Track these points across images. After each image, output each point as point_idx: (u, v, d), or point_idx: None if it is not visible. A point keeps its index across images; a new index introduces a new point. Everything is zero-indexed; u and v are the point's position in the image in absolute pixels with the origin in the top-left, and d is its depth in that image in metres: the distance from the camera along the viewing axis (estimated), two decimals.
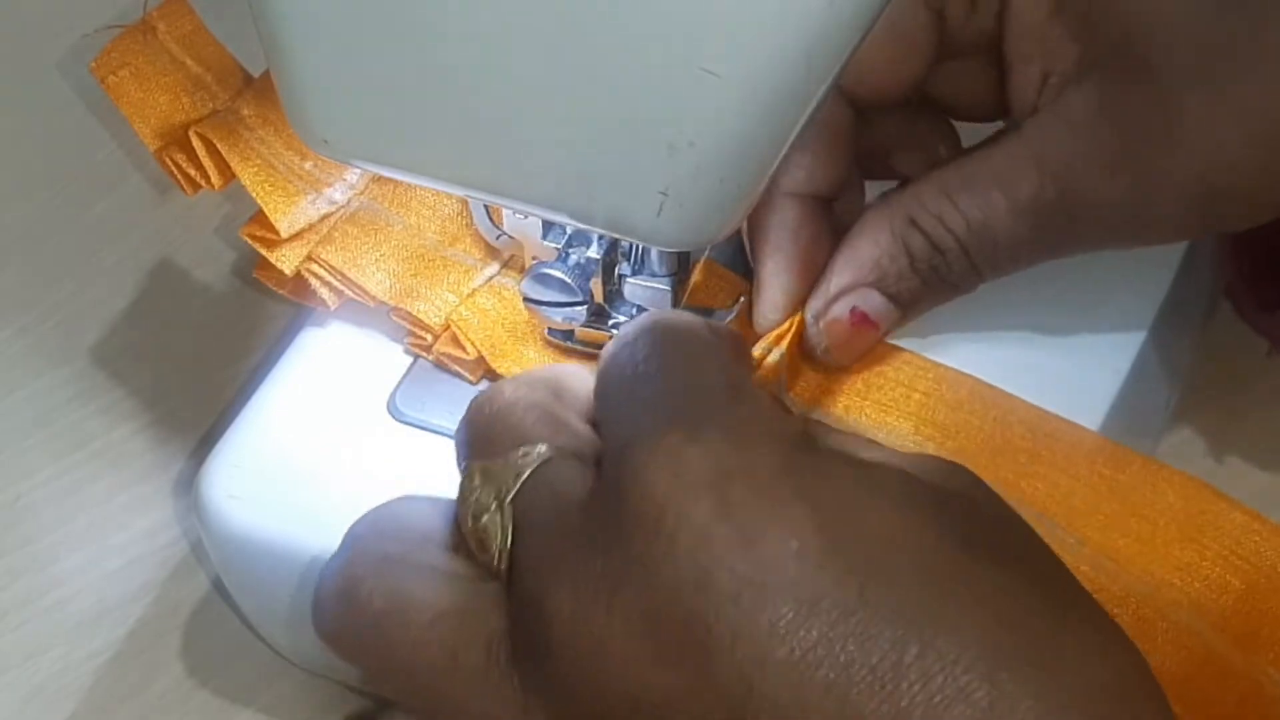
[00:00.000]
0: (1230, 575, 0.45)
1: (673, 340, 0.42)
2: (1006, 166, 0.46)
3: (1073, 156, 0.46)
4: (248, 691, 0.54)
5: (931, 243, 0.47)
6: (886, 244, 0.48)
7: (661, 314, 0.43)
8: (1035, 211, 0.46)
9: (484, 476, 0.41)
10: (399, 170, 0.45)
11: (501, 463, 0.41)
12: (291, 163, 0.52)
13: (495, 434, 0.42)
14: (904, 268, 0.48)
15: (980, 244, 0.47)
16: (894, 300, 0.48)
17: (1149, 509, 0.46)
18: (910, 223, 0.47)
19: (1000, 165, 0.47)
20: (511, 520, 0.40)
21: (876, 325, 0.48)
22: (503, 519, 0.40)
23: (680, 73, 0.38)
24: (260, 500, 0.49)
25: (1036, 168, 0.46)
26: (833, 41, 0.38)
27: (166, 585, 0.56)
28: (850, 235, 0.48)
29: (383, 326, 0.52)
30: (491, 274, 0.52)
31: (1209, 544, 0.45)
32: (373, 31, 0.41)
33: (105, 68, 0.52)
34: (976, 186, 0.47)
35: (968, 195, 0.47)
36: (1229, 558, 0.45)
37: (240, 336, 0.61)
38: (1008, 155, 0.47)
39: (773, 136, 0.41)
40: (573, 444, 0.41)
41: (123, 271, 0.63)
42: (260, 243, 0.52)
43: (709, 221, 0.43)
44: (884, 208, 0.48)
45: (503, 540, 0.40)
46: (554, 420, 0.42)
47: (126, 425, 0.59)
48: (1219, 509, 0.46)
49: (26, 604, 0.55)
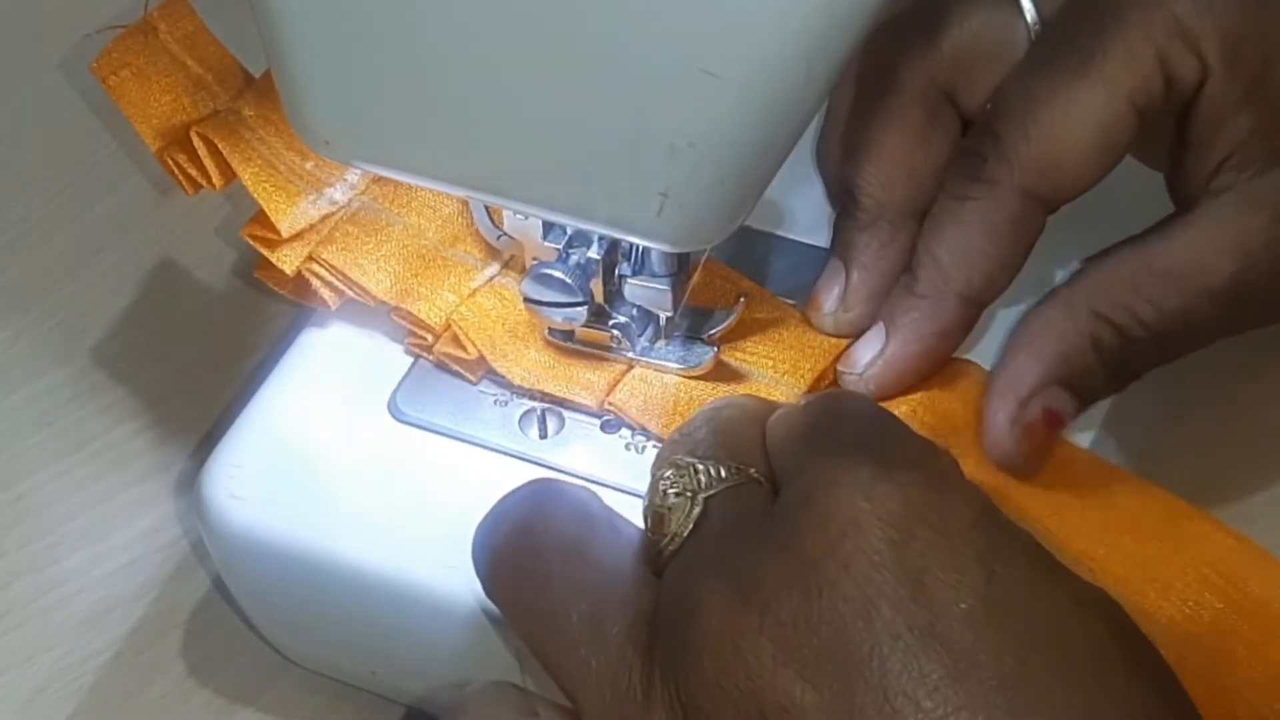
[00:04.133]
0: (1209, 594, 0.45)
1: (857, 400, 0.43)
2: (1204, 252, 0.46)
3: (1274, 240, 0.46)
4: (248, 691, 0.54)
5: (1122, 336, 0.47)
6: (1075, 340, 0.47)
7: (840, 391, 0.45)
8: (1236, 296, 0.46)
9: (689, 469, 0.41)
10: (399, 170, 0.45)
11: (712, 465, 0.41)
12: (292, 163, 0.52)
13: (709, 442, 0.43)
14: (1092, 363, 0.47)
15: (1174, 331, 0.47)
16: (1077, 395, 0.47)
17: (1132, 523, 0.46)
18: (1098, 318, 0.47)
19: (1195, 251, 0.46)
20: (700, 512, 0.40)
21: (1064, 423, 0.47)
22: (691, 507, 0.40)
23: (680, 74, 0.38)
24: (261, 500, 0.49)
25: (1240, 252, 0.46)
26: (832, 43, 0.38)
27: (167, 585, 0.56)
28: (1026, 333, 0.48)
29: (383, 326, 0.53)
30: (492, 274, 0.52)
31: (1189, 562, 0.45)
32: (373, 32, 0.41)
33: (106, 68, 0.52)
34: (1171, 275, 0.46)
35: (1160, 285, 0.46)
36: (1209, 577, 0.45)
37: (240, 336, 0.61)
38: (1205, 240, 0.46)
39: (772, 137, 0.41)
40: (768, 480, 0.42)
41: (123, 271, 0.63)
42: (261, 243, 0.52)
43: (709, 222, 0.43)
44: (1063, 302, 0.47)
45: (683, 524, 0.40)
46: (758, 454, 0.42)
47: (126, 425, 0.59)
48: (1201, 529, 0.46)
49: (26, 604, 0.55)
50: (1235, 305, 0.47)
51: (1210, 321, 0.47)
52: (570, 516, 0.43)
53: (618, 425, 0.50)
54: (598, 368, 0.50)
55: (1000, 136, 0.47)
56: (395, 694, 0.53)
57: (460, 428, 0.50)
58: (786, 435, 0.42)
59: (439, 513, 0.48)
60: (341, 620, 0.50)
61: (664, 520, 0.41)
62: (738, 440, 0.43)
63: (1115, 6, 0.46)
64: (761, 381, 0.49)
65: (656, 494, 0.42)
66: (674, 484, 0.41)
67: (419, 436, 0.50)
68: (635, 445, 0.50)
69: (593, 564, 0.42)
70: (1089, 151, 0.46)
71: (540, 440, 0.50)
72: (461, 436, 0.50)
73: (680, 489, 0.41)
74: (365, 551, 0.48)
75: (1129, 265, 0.47)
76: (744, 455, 0.42)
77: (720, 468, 0.41)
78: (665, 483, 0.41)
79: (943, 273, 0.47)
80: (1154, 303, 0.46)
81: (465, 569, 0.45)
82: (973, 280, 0.47)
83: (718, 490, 0.41)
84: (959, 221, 0.47)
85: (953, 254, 0.47)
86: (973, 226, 0.47)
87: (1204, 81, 0.46)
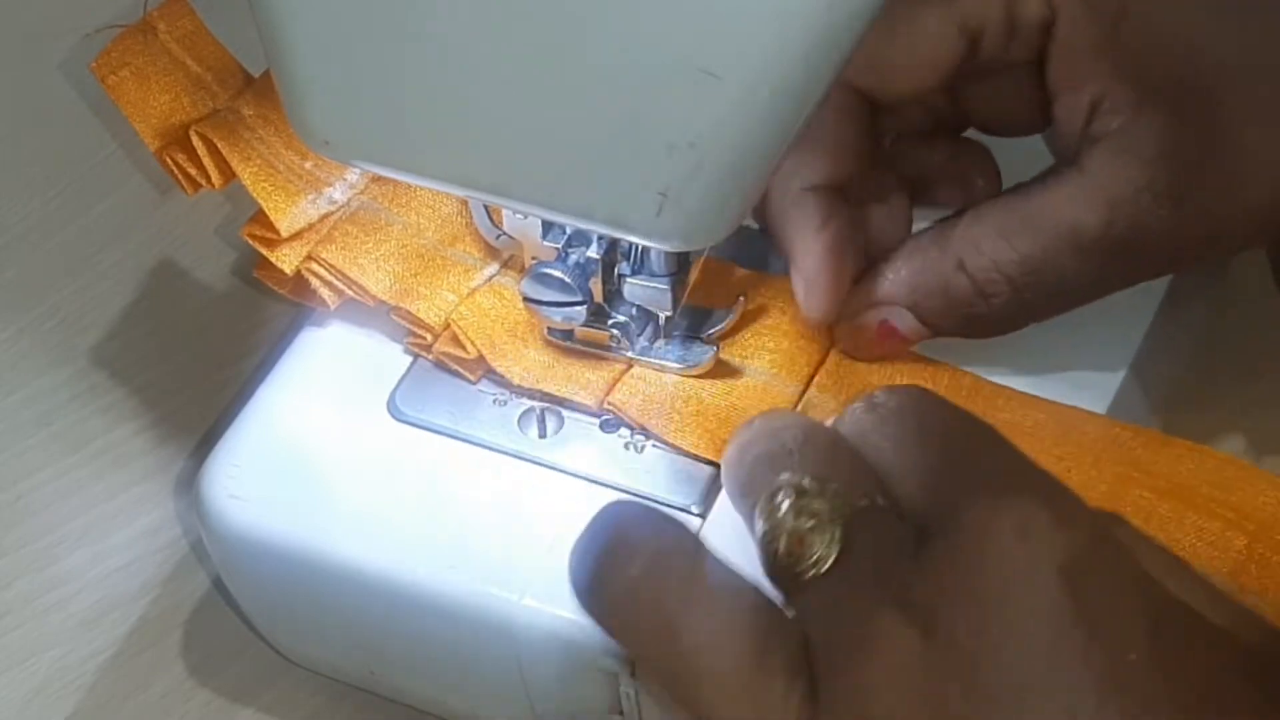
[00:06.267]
0: (1232, 532, 0.45)
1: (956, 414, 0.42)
2: (1072, 203, 0.47)
3: (1139, 191, 0.46)
4: (248, 691, 0.54)
5: (977, 288, 0.48)
6: (929, 280, 0.48)
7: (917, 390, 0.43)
8: (1103, 248, 0.47)
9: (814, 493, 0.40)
10: (399, 170, 0.45)
11: (838, 487, 0.40)
12: (292, 162, 0.52)
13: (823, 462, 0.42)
14: (939, 305, 0.48)
15: (1040, 284, 0.47)
16: (926, 324, 0.49)
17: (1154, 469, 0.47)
18: (959, 266, 0.48)
19: (1064, 202, 0.47)
20: (844, 535, 0.39)
21: (905, 340, 0.49)
22: (833, 532, 0.39)
23: (680, 73, 0.38)
24: (261, 500, 0.49)
25: (1107, 204, 0.46)
26: (832, 42, 0.38)
27: (167, 584, 0.56)
28: (898, 253, 0.49)
29: (383, 326, 0.53)
30: (491, 273, 0.52)
31: (1214, 503, 0.46)
32: (373, 32, 0.41)
33: (106, 68, 0.52)
34: (1038, 226, 0.47)
35: (1028, 236, 0.47)
36: (1230, 515, 0.46)
37: (240, 336, 0.61)
38: (1075, 192, 0.47)
39: (772, 136, 0.41)
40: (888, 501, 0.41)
41: (123, 271, 0.63)
42: (260, 242, 0.52)
43: (709, 221, 0.43)
44: (934, 242, 0.49)
45: (829, 549, 0.39)
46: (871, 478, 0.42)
47: (126, 425, 0.59)
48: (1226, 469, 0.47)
49: (26, 604, 0.55)
50: (1106, 256, 0.47)
51: (1077, 276, 0.47)
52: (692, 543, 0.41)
53: (617, 424, 0.50)
54: (597, 367, 0.50)
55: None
56: (395, 694, 0.53)
57: (459, 427, 0.50)
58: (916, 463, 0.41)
59: (439, 512, 0.48)
60: (341, 620, 0.50)
61: (804, 543, 0.40)
62: (846, 461, 0.42)
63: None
64: (758, 378, 0.49)
65: (783, 515, 0.40)
66: (803, 508, 0.40)
67: (418, 436, 0.50)
68: (634, 444, 0.50)
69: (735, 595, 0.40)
70: (913, 62, 0.49)
71: (539, 440, 0.50)
72: (461, 436, 0.50)
73: (811, 512, 0.40)
74: (364, 551, 0.48)
75: (1000, 216, 0.48)
76: (861, 478, 0.41)
77: (850, 492, 0.40)
78: (792, 506, 0.40)
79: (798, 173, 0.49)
80: (1020, 253, 0.47)
81: (465, 569, 0.45)
82: (815, 169, 0.49)
83: (851, 516, 0.40)
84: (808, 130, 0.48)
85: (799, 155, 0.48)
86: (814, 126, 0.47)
87: (1052, 23, 0.47)
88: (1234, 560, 0.45)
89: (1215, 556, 0.46)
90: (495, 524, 0.48)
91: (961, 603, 0.37)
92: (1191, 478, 0.47)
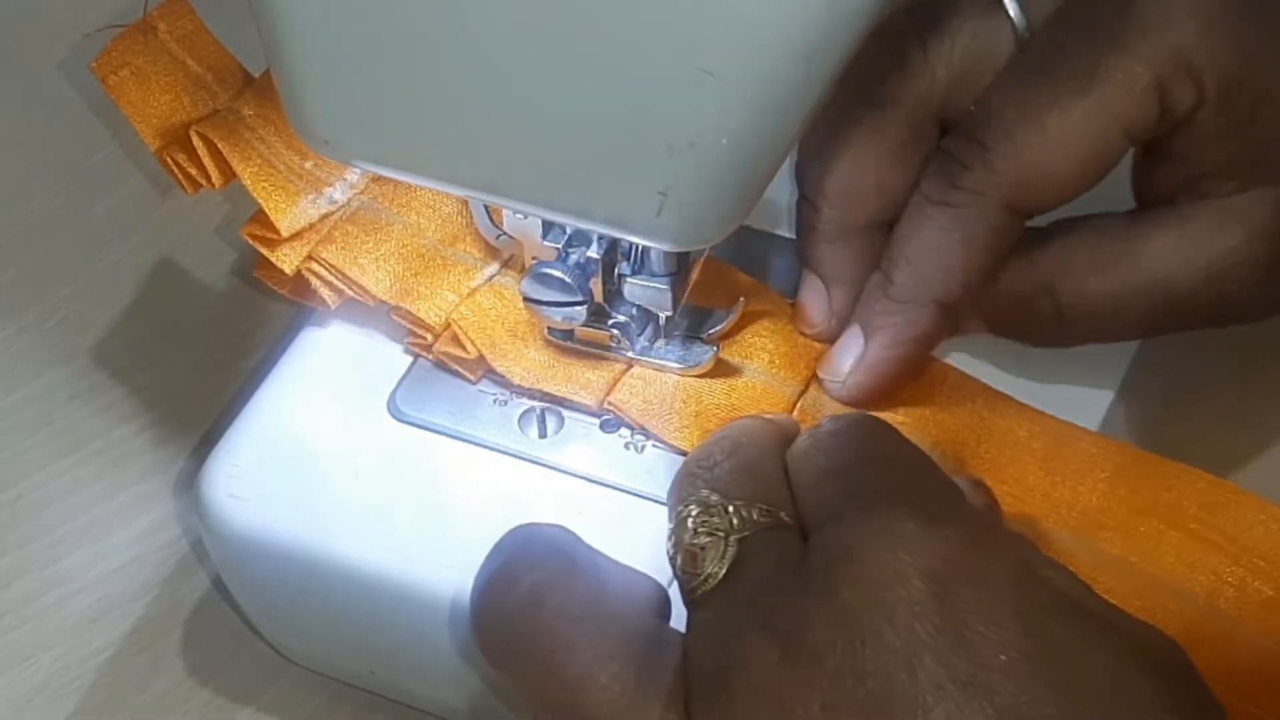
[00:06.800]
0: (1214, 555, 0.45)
1: (885, 435, 0.42)
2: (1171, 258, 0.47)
3: (1240, 263, 0.46)
4: (248, 691, 0.54)
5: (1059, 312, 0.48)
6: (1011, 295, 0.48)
7: (864, 415, 0.44)
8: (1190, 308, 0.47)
9: (719, 509, 0.41)
10: (399, 170, 0.45)
11: (743, 506, 0.41)
12: (292, 162, 0.52)
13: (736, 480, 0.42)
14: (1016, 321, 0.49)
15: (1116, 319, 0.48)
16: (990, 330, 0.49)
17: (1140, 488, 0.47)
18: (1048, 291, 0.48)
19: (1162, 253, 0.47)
20: (735, 554, 0.40)
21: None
22: (725, 548, 0.40)
23: (680, 74, 0.38)
24: (261, 500, 0.49)
25: (1206, 268, 0.46)
26: (831, 42, 0.38)
27: (166, 584, 0.56)
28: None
29: (383, 326, 0.53)
30: (492, 273, 0.52)
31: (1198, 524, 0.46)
32: (373, 32, 0.41)
33: (106, 67, 0.52)
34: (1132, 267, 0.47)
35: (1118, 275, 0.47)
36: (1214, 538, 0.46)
37: (240, 336, 0.61)
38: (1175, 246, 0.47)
39: (772, 136, 0.41)
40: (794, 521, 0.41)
41: (123, 271, 0.63)
42: (260, 242, 0.52)
43: (709, 221, 0.43)
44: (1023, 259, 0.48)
45: (718, 564, 0.40)
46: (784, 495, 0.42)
47: (126, 425, 0.59)
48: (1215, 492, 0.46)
49: (26, 604, 0.55)
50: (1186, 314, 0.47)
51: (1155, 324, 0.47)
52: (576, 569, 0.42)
53: (617, 424, 0.50)
54: (597, 367, 0.50)
55: (987, 147, 0.46)
56: (395, 694, 0.53)
57: (460, 427, 0.50)
58: (819, 478, 0.42)
59: (438, 512, 0.48)
60: (341, 620, 0.50)
61: (697, 560, 0.40)
62: (762, 478, 0.42)
63: (1118, 27, 0.45)
64: (758, 378, 0.49)
65: (686, 530, 0.41)
66: (704, 523, 0.41)
67: (418, 436, 0.50)
68: (634, 444, 0.50)
69: (612, 623, 0.40)
70: (1076, 171, 0.46)
71: (540, 439, 0.50)
72: (461, 436, 0.50)
73: (711, 529, 0.41)
74: (364, 551, 0.48)
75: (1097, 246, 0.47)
76: (771, 496, 0.42)
77: (751, 509, 0.41)
78: (696, 521, 0.41)
79: (922, 279, 0.47)
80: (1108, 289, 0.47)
81: (465, 569, 0.44)
82: (951, 287, 0.47)
83: (751, 533, 0.40)
84: (939, 228, 0.47)
85: (930, 259, 0.47)
86: (953, 235, 0.47)
87: (1197, 109, 0.46)
88: (1210, 582, 0.45)
89: (1192, 577, 0.46)
90: (495, 524, 0.48)
91: (826, 618, 0.37)
92: (1179, 498, 0.47)
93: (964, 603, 0.36)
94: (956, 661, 0.36)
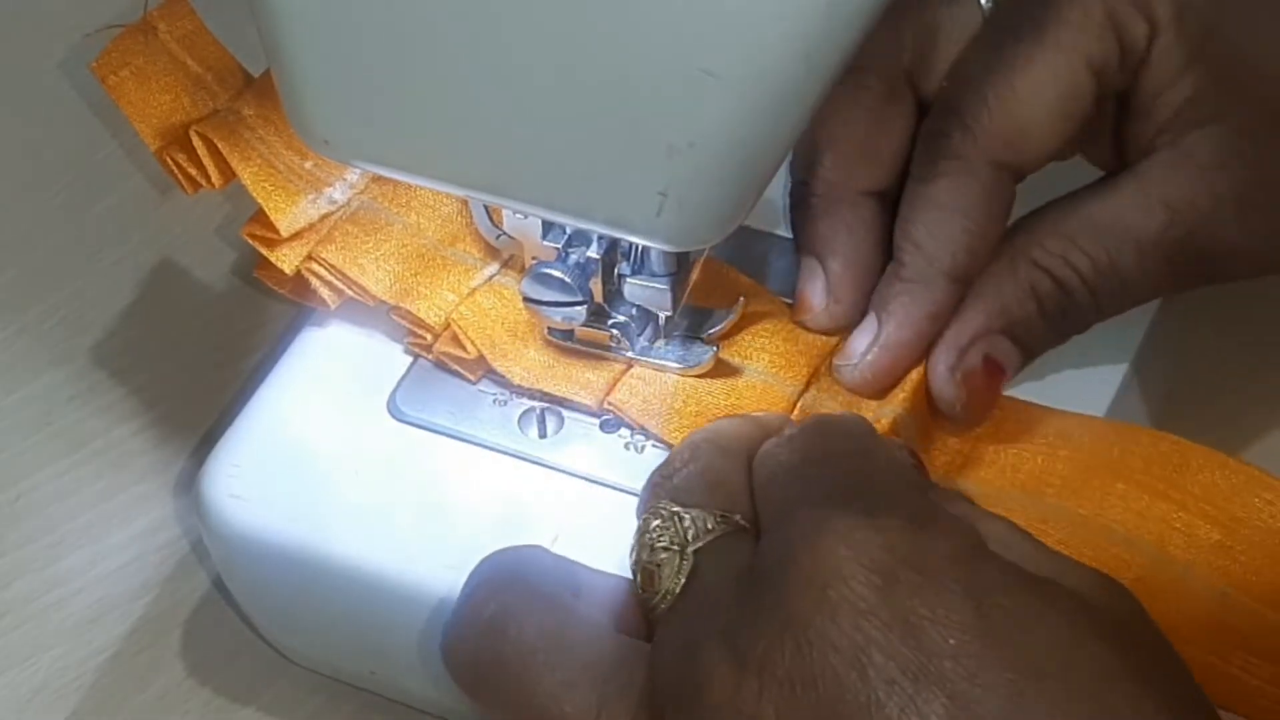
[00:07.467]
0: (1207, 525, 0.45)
1: (840, 433, 0.43)
2: (1131, 207, 0.47)
3: (1199, 196, 0.46)
4: (248, 691, 0.54)
5: (1059, 285, 0.47)
6: (1012, 290, 0.48)
7: (825, 415, 0.44)
8: (1163, 250, 0.47)
9: (674, 519, 0.41)
10: (399, 170, 0.45)
11: (698, 514, 0.41)
12: (292, 162, 0.52)
13: (693, 487, 0.42)
14: (1031, 312, 0.48)
15: (1107, 284, 0.47)
16: (1020, 346, 0.48)
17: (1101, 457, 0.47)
18: (1035, 266, 0.48)
19: (1123, 206, 0.47)
20: (691, 566, 0.40)
21: (1006, 373, 0.48)
22: (681, 562, 0.40)
23: (679, 73, 0.38)
24: (261, 500, 0.49)
25: (1164, 207, 0.46)
26: (832, 42, 0.38)
27: (166, 584, 0.56)
28: (970, 293, 0.48)
29: (383, 326, 0.53)
30: (491, 273, 0.52)
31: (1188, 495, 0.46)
32: (372, 31, 0.41)
33: (106, 67, 0.52)
34: (1100, 228, 0.47)
35: (1090, 237, 0.47)
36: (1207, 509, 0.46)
37: (240, 336, 0.61)
38: (1133, 196, 0.47)
39: (772, 136, 0.41)
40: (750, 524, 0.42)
41: (123, 271, 0.63)
42: (260, 242, 0.52)
43: (709, 221, 0.43)
44: (1003, 253, 0.48)
45: (674, 580, 0.40)
46: (743, 498, 0.42)
47: (126, 425, 0.59)
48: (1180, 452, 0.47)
49: (26, 604, 0.55)
50: (1162, 261, 0.47)
51: (1140, 276, 0.47)
52: (537, 596, 0.42)
53: (617, 425, 0.50)
54: (597, 367, 0.50)
55: (962, 111, 0.47)
56: (395, 694, 0.53)
57: (460, 427, 0.50)
58: (771, 477, 0.42)
59: (438, 512, 0.48)
60: (341, 620, 0.50)
61: (654, 578, 0.41)
62: (723, 483, 0.42)
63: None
64: (758, 378, 0.49)
65: (644, 548, 0.41)
66: (661, 536, 0.41)
67: (418, 436, 0.50)
68: (634, 444, 0.50)
69: (574, 649, 0.41)
70: (1052, 117, 0.47)
71: (540, 440, 0.50)
72: (461, 436, 0.50)
73: (668, 541, 0.41)
74: (364, 551, 0.48)
75: (1065, 219, 0.48)
76: (730, 500, 0.42)
77: (707, 518, 0.41)
78: (652, 536, 0.41)
79: (926, 255, 0.48)
80: (1088, 254, 0.47)
81: (465, 569, 0.45)
82: (956, 256, 0.48)
83: (706, 542, 0.41)
84: (933, 202, 0.48)
85: (933, 235, 0.48)
86: (947, 204, 0.47)
87: (1152, 42, 0.46)
88: (1159, 529, 0.45)
89: (1142, 525, 0.46)
90: (495, 524, 0.48)
91: (773, 625, 0.37)
92: (1124, 454, 0.47)
93: (909, 589, 0.36)
94: (906, 652, 0.35)
